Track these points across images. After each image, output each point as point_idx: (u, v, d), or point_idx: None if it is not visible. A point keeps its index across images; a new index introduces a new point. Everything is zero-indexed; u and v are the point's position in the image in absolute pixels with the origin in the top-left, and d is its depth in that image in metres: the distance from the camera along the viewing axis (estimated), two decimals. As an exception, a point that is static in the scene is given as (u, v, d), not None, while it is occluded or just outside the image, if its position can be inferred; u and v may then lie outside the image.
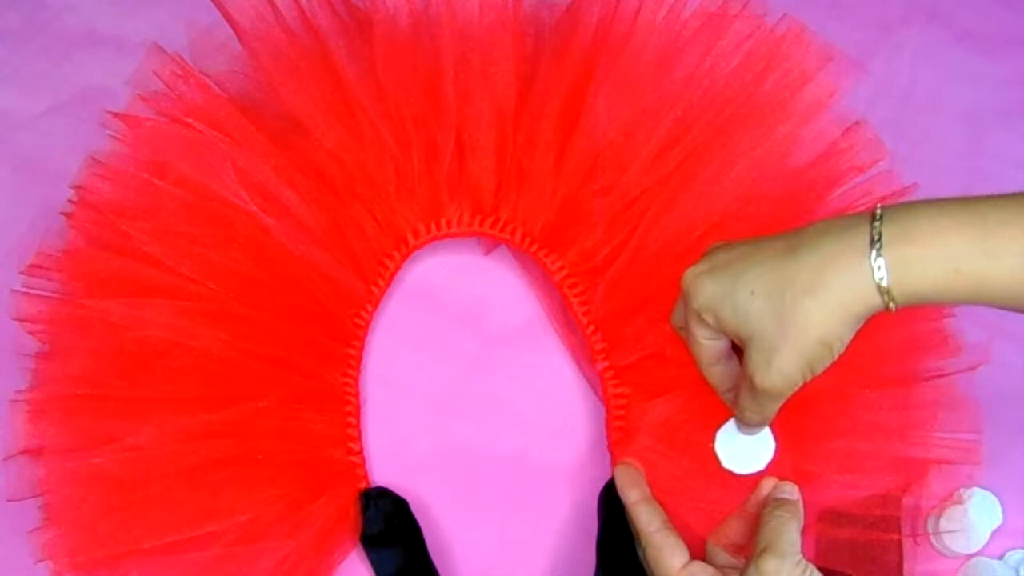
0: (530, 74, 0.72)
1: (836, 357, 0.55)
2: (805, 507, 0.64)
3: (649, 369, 0.70)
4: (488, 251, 0.76)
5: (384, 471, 0.72)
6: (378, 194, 0.72)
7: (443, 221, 0.73)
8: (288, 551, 0.67)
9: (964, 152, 0.78)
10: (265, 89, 0.71)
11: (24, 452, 0.67)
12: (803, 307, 0.53)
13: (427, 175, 0.72)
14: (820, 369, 0.55)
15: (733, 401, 0.62)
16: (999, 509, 0.70)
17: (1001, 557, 0.70)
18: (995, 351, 0.68)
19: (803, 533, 0.62)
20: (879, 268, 0.52)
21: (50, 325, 0.69)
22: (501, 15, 0.71)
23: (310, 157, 0.71)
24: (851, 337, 0.54)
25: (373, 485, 0.71)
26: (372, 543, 0.69)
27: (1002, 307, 0.53)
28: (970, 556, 0.70)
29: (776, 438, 0.63)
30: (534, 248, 0.73)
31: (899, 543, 0.66)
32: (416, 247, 0.73)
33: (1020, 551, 0.70)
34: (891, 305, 0.53)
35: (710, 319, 0.58)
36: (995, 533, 0.70)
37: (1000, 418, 0.68)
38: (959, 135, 0.79)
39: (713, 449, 0.63)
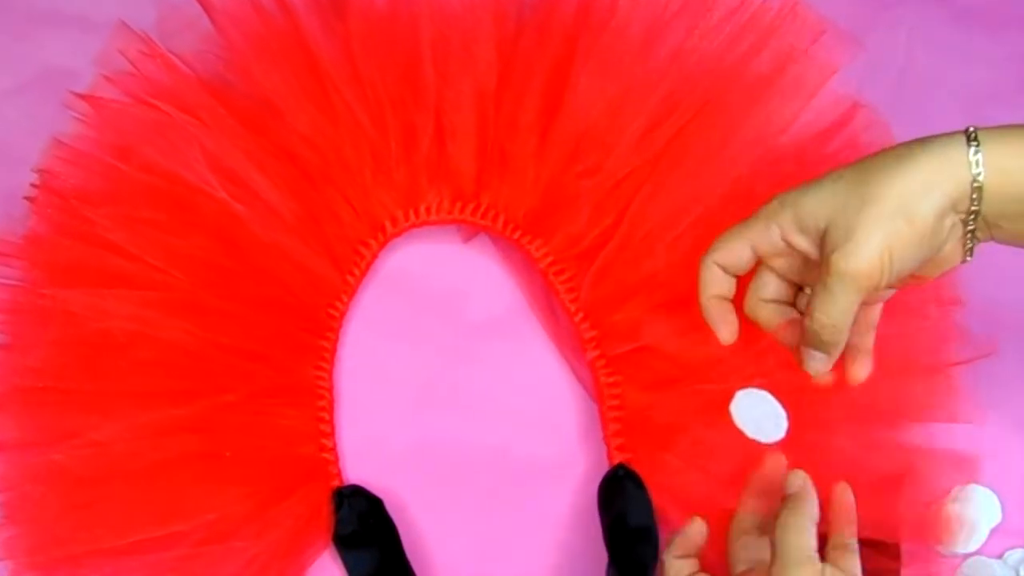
0: (511, 53, 0.71)
1: (919, 246, 0.51)
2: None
3: (643, 360, 0.69)
4: (468, 238, 0.75)
5: (358, 468, 0.71)
6: (353, 179, 0.71)
7: (422, 208, 0.72)
8: (257, 552, 0.66)
9: None
10: (236, 70, 0.70)
11: (-19, 448, 0.66)
12: (886, 177, 0.51)
13: (405, 160, 0.71)
14: (900, 254, 0.51)
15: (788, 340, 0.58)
16: (998, 507, 0.69)
17: (1000, 556, 0.69)
18: (996, 344, 0.67)
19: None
20: (972, 136, 0.51)
21: (9, 315, 0.68)
22: (481, -8, 0.70)
23: (282, 141, 0.70)
24: (936, 230, 0.51)
25: (346, 483, 0.70)
26: (345, 544, 0.67)
27: None
28: (968, 555, 0.69)
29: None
30: (517, 235, 0.72)
31: (896, 542, 0.65)
32: (393, 235, 0.72)
33: (1020, 550, 0.69)
34: (977, 184, 0.50)
35: (787, 221, 0.54)
36: (994, 532, 0.69)
37: (1000, 413, 0.68)
38: (956, 116, 0.72)
39: (731, 419, 0.60)
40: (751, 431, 0.60)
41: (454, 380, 0.73)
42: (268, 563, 0.66)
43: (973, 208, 0.51)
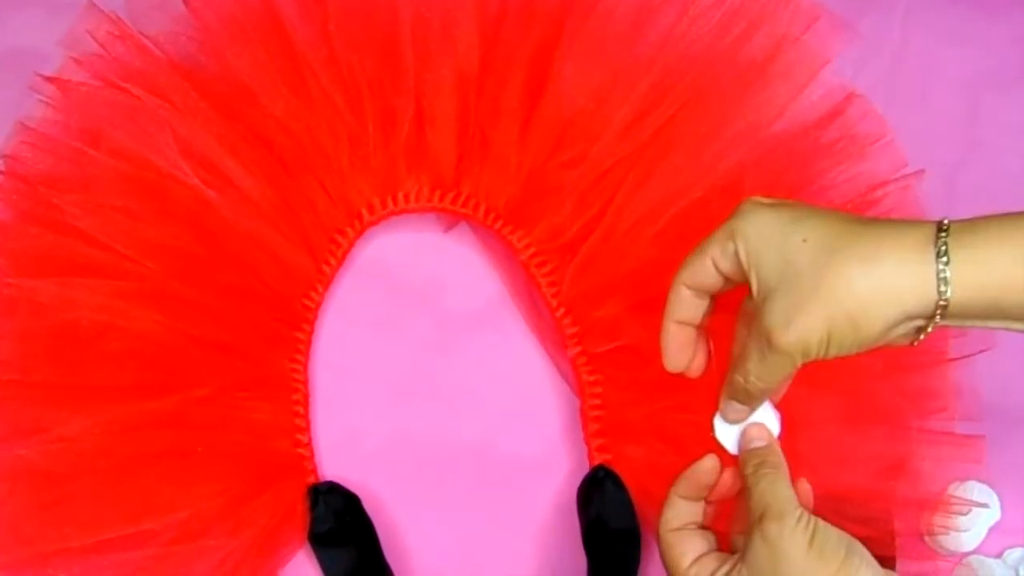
0: (494, 36, 0.70)
1: (858, 347, 0.50)
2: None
3: (625, 358, 0.68)
4: (448, 228, 0.74)
5: (334, 464, 0.70)
6: (330, 166, 0.70)
7: (400, 195, 0.71)
8: (230, 550, 0.65)
9: (959, 120, 0.76)
10: (208, 52, 0.70)
11: (-56, 443, 0.65)
12: (848, 274, 0.49)
13: (383, 145, 0.70)
14: (836, 349, 0.50)
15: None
16: (997, 504, 0.68)
17: (999, 556, 0.69)
18: (994, 335, 0.66)
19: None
20: (942, 246, 0.48)
21: (-26, 305, 0.67)
22: (463, -29, 0.69)
23: (257, 126, 0.69)
24: (881, 337, 0.50)
25: (322, 479, 0.69)
26: (321, 542, 0.67)
27: None
28: (966, 555, 0.68)
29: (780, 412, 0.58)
30: (498, 224, 0.71)
31: (892, 541, 0.64)
32: (371, 223, 0.72)
33: (1019, 549, 0.69)
34: (943, 301, 0.48)
35: (741, 248, 0.52)
36: (993, 530, 0.68)
37: (997, 407, 0.67)
38: (954, 102, 0.76)
39: (713, 436, 0.57)
40: (734, 447, 0.57)
41: (433, 373, 0.72)
42: (241, 562, 0.66)
43: (936, 320, 0.50)
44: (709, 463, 0.56)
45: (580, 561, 0.66)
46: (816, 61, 0.68)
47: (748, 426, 0.56)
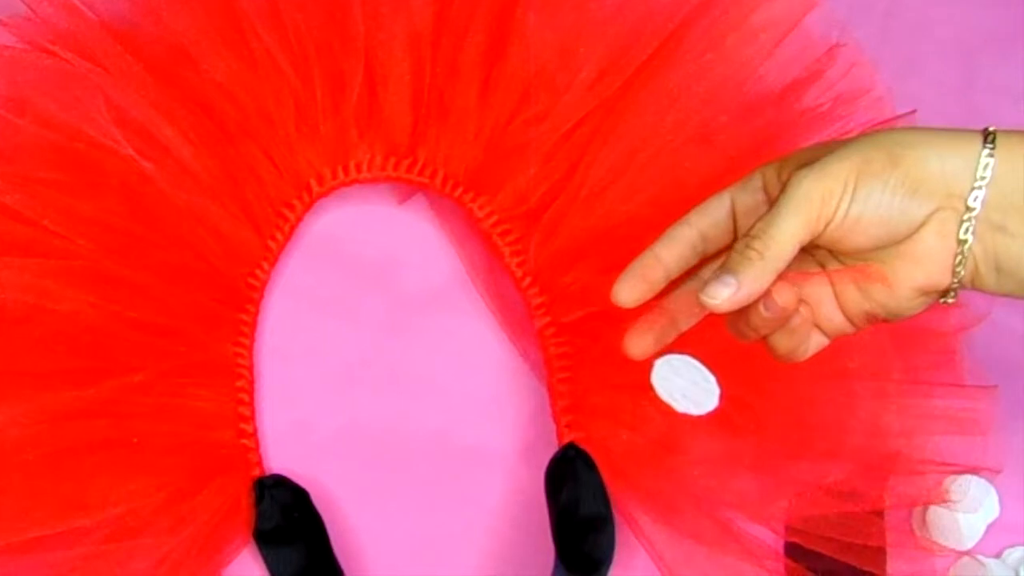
0: None
1: (891, 191, 0.48)
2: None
3: (597, 327, 0.68)
4: (404, 199, 0.73)
5: (281, 456, 0.69)
6: (276, 134, 0.69)
7: (351, 164, 0.71)
8: (169, 549, 0.64)
9: (954, 84, 0.76)
10: (144, 12, 0.68)
11: None
12: (888, 130, 0.50)
13: (332, 111, 0.69)
14: (865, 190, 0.48)
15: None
16: (996, 500, 0.67)
17: (998, 555, 0.68)
18: (993, 320, 0.66)
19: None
20: (989, 134, 0.49)
21: None
22: (415, -79, 0.69)
23: (196, 91, 0.68)
24: (916, 171, 0.48)
25: (268, 472, 0.68)
26: (267, 539, 0.66)
27: None
28: (963, 554, 0.67)
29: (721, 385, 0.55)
30: (458, 192, 0.71)
31: (882, 538, 0.65)
32: (320, 195, 0.71)
33: (1020, 548, 0.68)
34: (990, 150, 0.48)
35: (770, 175, 0.52)
36: (991, 528, 0.67)
37: (997, 401, 0.66)
38: (949, 64, 0.76)
39: (651, 383, 0.56)
40: (681, 405, 0.55)
41: (388, 358, 0.71)
42: (181, 561, 0.64)
43: (976, 186, 0.48)
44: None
45: (546, 558, 0.64)
46: (798, 9, 0.67)
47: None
